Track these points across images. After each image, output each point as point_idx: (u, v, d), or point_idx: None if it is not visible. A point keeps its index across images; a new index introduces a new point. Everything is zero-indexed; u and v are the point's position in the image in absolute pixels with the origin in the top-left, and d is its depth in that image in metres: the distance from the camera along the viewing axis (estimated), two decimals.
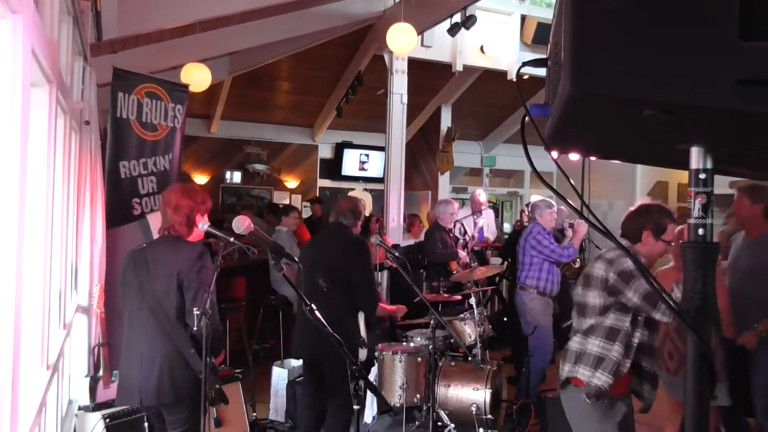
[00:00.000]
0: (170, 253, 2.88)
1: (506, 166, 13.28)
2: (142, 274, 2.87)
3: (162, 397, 2.80)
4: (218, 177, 11.83)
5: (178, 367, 2.79)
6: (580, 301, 2.86)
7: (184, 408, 2.83)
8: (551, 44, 1.18)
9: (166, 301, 2.80)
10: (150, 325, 2.83)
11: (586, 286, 2.83)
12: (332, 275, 3.53)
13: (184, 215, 2.93)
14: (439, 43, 8.21)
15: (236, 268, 6.88)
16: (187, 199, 2.95)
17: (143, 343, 2.84)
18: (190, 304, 2.75)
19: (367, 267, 3.80)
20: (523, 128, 1.29)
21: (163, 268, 2.84)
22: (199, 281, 2.79)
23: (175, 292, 2.80)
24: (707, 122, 0.94)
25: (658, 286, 1.10)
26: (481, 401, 4.24)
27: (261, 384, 5.02)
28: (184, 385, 2.79)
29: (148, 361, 2.80)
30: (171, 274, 2.80)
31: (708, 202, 1.12)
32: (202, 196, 3.06)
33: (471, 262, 6.29)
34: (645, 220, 2.85)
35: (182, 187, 3.17)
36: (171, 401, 2.82)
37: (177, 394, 2.80)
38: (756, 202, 3.57)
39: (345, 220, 3.89)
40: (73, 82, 3.49)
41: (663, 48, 0.87)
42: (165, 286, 2.81)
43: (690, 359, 1.13)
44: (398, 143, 7.88)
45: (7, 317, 1.56)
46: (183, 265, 2.81)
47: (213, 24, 6.45)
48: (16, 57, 1.58)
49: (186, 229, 2.94)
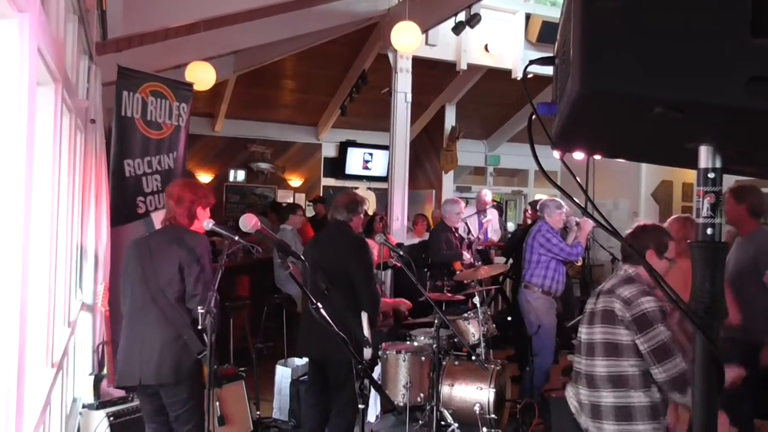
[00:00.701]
0: (173, 241, 2.99)
1: (510, 165, 13.26)
2: (145, 262, 2.97)
3: (161, 378, 2.90)
4: (222, 175, 11.84)
5: (177, 349, 2.90)
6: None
7: (183, 389, 2.94)
8: (559, 42, 1.17)
9: (169, 287, 2.91)
10: (152, 310, 2.93)
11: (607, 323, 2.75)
12: (332, 274, 3.52)
13: (185, 207, 3.05)
14: (443, 41, 8.20)
15: (240, 266, 6.88)
16: (189, 192, 3.09)
17: (144, 328, 2.94)
18: (192, 288, 2.90)
19: (366, 265, 3.76)
20: (530, 126, 1.28)
21: (165, 255, 2.95)
22: (200, 267, 2.91)
23: (178, 278, 2.92)
24: (718, 120, 0.94)
25: (673, 294, 1.10)
26: (485, 401, 4.23)
27: (265, 383, 5.03)
28: (183, 366, 2.90)
29: (148, 343, 2.91)
30: (174, 261, 2.92)
31: (717, 202, 1.11)
32: (204, 190, 3.21)
33: (475, 261, 6.28)
34: (645, 240, 2.82)
35: (185, 181, 3.39)
36: (170, 382, 2.91)
37: (176, 376, 2.90)
38: (740, 202, 3.64)
39: (339, 215, 3.86)
40: (78, 80, 3.50)
41: (673, 45, 0.86)
42: (168, 273, 2.92)
43: (698, 360, 1.12)
44: (402, 142, 7.87)
45: (12, 315, 1.57)
46: (185, 252, 2.93)
47: (217, 23, 6.45)
48: (23, 55, 1.58)
49: (187, 221, 3.07)
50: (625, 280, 2.80)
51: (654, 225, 2.94)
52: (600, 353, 2.76)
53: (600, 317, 2.79)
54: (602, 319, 2.77)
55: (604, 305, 2.78)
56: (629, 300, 2.69)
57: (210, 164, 11.77)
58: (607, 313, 2.76)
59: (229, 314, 5.58)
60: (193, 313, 2.87)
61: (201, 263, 2.94)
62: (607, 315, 2.76)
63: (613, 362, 2.72)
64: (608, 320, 2.75)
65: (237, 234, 2.94)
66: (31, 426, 2.03)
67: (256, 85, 9.91)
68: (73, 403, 3.65)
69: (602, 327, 2.77)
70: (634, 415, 2.66)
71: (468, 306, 5.41)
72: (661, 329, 2.61)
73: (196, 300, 2.87)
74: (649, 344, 2.62)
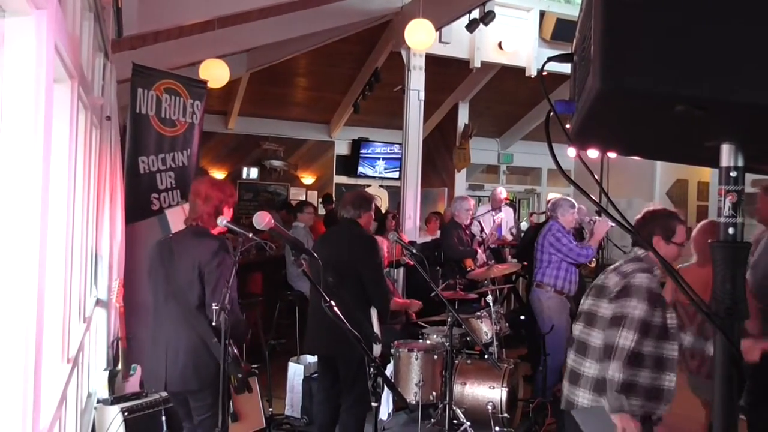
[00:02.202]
0: (194, 244, 2.94)
1: (523, 163, 13.20)
2: (167, 263, 2.94)
3: (187, 384, 2.89)
4: (235, 173, 11.89)
5: (201, 355, 2.85)
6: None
7: (208, 395, 2.91)
8: (578, 39, 1.15)
9: (189, 291, 2.87)
10: (175, 314, 2.90)
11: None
12: (341, 271, 3.51)
13: (212, 206, 3.00)
14: (457, 39, 8.17)
15: (253, 263, 6.90)
16: (218, 191, 3.04)
17: (169, 332, 2.92)
18: (210, 297, 2.81)
19: (374, 263, 3.74)
20: (547, 124, 1.27)
21: (186, 258, 2.90)
22: (218, 275, 2.85)
23: (197, 283, 2.86)
24: (741, 118, 0.92)
25: (687, 286, 1.08)
26: (498, 399, 4.22)
27: (277, 379, 5.04)
28: (208, 372, 2.85)
29: (173, 348, 2.88)
30: (193, 265, 2.86)
31: (738, 201, 1.09)
32: (230, 189, 3.15)
33: (488, 260, 6.26)
34: (652, 226, 2.77)
35: (212, 179, 3.31)
36: (195, 388, 2.90)
37: (200, 381, 2.88)
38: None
39: (346, 213, 3.84)
40: (94, 77, 3.51)
41: (696, 42, 0.85)
42: (188, 277, 2.87)
43: (718, 362, 1.11)
44: (415, 140, 7.85)
45: (29, 311, 1.58)
46: (204, 256, 2.87)
47: (231, 20, 6.48)
48: (40, 52, 1.59)
49: (213, 221, 3.01)
50: (632, 259, 2.80)
51: (663, 210, 2.87)
52: (583, 322, 2.82)
53: (595, 290, 2.83)
54: (596, 292, 2.81)
55: (602, 280, 2.82)
56: (626, 273, 2.70)
57: (223, 161, 11.82)
58: (599, 287, 2.79)
59: (242, 311, 5.60)
60: (212, 321, 2.76)
61: (221, 268, 2.85)
62: (599, 289, 2.79)
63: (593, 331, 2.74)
64: (599, 294, 2.77)
65: (250, 231, 2.93)
66: (48, 421, 2.05)
67: (269, 82, 9.94)
68: (88, 398, 3.68)
69: (592, 299, 2.82)
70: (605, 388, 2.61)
71: (481, 304, 5.39)
72: (635, 305, 2.56)
73: (213, 310, 2.78)
74: (613, 312, 2.61)
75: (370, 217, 3.94)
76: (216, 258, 2.87)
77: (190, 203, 3.07)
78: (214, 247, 2.91)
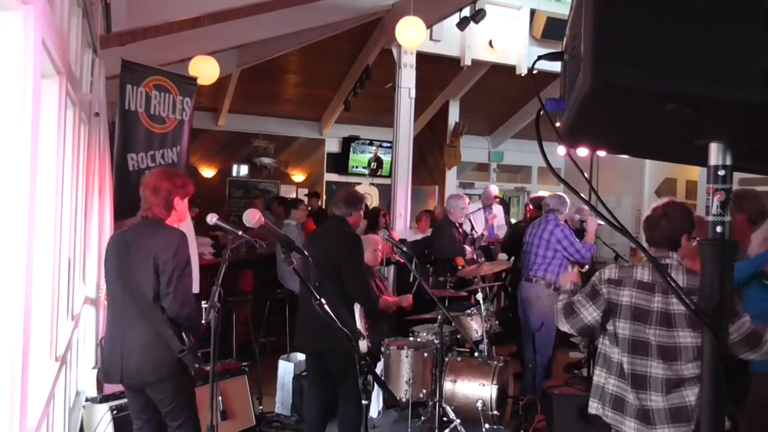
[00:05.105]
0: (149, 236, 2.90)
1: (514, 161, 13.25)
2: (122, 257, 2.89)
3: (143, 377, 2.86)
4: (225, 170, 11.85)
5: (157, 348, 2.83)
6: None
7: (167, 386, 2.89)
8: (568, 37, 1.16)
9: (144, 284, 2.82)
10: (130, 307, 2.85)
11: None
12: (324, 268, 3.53)
13: (162, 198, 2.95)
14: (447, 37, 8.18)
15: (243, 261, 6.88)
16: (166, 182, 2.97)
17: (124, 324, 2.88)
18: (165, 287, 2.79)
19: (354, 259, 3.79)
20: (537, 122, 1.27)
21: (141, 251, 2.86)
22: (174, 264, 2.81)
23: (153, 276, 2.81)
24: (731, 116, 0.93)
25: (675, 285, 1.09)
26: (488, 397, 4.23)
27: (267, 377, 5.03)
28: (163, 364, 2.83)
29: (129, 342, 2.85)
30: (148, 258, 2.82)
31: (726, 199, 1.10)
32: (182, 179, 3.07)
33: (478, 258, 6.27)
34: (688, 224, 2.59)
35: (162, 170, 3.22)
36: (152, 380, 2.87)
37: (157, 374, 2.85)
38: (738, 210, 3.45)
39: (338, 210, 3.90)
40: (82, 74, 3.49)
41: (686, 40, 0.85)
42: (143, 270, 2.82)
43: (706, 359, 1.11)
44: (406, 138, 7.86)
45: (17, 309, 1.56)
46: (159, 248, 2.83)
47: (221, 17, 6.45)
48: (28, 48, 1.57)
49: (165, 212, 2.96)
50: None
51: (682, 205, 2.70)
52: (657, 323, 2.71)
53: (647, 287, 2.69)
54: (660, 289, 2.65)
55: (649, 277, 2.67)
56: None
57: (213, 159, 11.77)
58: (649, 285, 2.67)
59: (232, 309, 5.59)
60: (168, 312, 2.79)
61: (176, 259, 2.82)
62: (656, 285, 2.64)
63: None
64: (664, 291, 2.57)
65: (240, 229, 2.91)
66: (35, 419, 2.03)
67: (259, 79, 9.90)
68: (77, 396, 3.66)
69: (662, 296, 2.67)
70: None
71: (471, 302, 5.40)
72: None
73: (169, 298, 2.79)
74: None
75: (360, 217, 4.00)
76: (170, 249, 2.83)
77: (142, 195, 3.02)
78: (169, 239, 2.87)
